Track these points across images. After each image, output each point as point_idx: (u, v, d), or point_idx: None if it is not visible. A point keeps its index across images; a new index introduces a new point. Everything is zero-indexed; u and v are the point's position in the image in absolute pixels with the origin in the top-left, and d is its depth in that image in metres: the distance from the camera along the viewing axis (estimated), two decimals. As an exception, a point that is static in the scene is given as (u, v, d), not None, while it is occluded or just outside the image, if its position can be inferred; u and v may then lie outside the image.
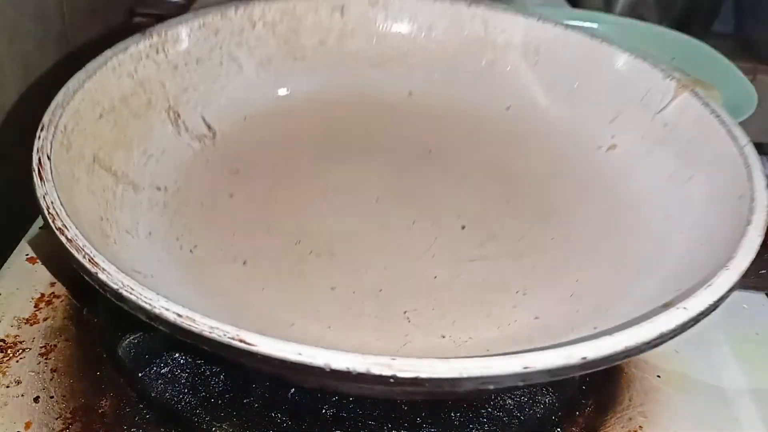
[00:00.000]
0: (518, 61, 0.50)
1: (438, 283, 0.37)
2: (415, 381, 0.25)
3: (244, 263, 0.38)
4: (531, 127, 0.48)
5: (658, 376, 0.38)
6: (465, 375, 0.25)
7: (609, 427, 0.35)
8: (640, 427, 0.35)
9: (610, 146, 0.45)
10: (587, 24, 0.78)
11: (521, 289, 0.37)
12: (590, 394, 0.36)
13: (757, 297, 0.43)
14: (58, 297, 0.40)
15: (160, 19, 0.46)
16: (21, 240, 0.43)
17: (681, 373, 0.38)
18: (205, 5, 0.48)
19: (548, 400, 0.34)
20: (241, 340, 0.26)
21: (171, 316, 0.27)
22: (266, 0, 0.49)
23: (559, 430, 0.34)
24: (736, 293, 0.30)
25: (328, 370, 0.25)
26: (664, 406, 0.36)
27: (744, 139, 0.38)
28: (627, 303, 0.35)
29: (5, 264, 0.42)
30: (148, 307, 0.27)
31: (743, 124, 0.39)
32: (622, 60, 0.46)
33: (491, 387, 0.26)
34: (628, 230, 0.40)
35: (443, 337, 0.34)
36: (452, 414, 0.33)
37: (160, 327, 0.27)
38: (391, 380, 0.25)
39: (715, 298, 0.29)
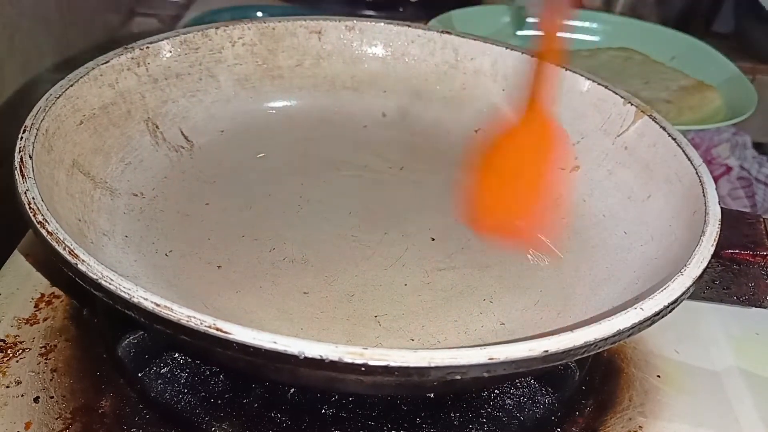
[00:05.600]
0: (487, 88, 0.52)
1: (408, 290, 0.38)
2: (386, 369, 0.26)
3: (219, 267, 0.38)
4: (499, 149, 0.50)
5: (658, 376, 0.39)
6: (433, 364, 0.26)
7: (609, 427, 0.36)
8: (640, 427, 0.36)
9: (574, 167, 0.47)
10: (587, 24, 0.79)
11: (487, 297, 0.38)
12: (590, 394, 0.37)
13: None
14: (58, 297, 0.40)
15: (161, 18, 0.47)
16: (21, 240, 0.43)
17: (681, 373, 0.39)
18: (205, 6, 0.49)
19: (548, 400, 0.35)
20: (217, 329, 0.27)
21: (149, 305, 0.27)
22: (247, 21, 0.51)
23: (559, 430, 0.35)
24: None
25: (302, 357, 0.26)
26: (664, 406, 0.37)
27: (698, 160, 0.40)
28: (589, 311, 0.37)
29: (5, 264, 0.42)
30: (126, 296, 0.28)
31: (743, 124, 0.39)
32: (585, 87, 0.48)
33: (458, 377, 0.27)
34: (590, 245, 0.42)
35: (412, 340, 0.35)
36: (452, 414, 0.34)
37: (138, 317, 0.28)
38: (363, 369, 0.26)
39: (669, 300, 0.30)
